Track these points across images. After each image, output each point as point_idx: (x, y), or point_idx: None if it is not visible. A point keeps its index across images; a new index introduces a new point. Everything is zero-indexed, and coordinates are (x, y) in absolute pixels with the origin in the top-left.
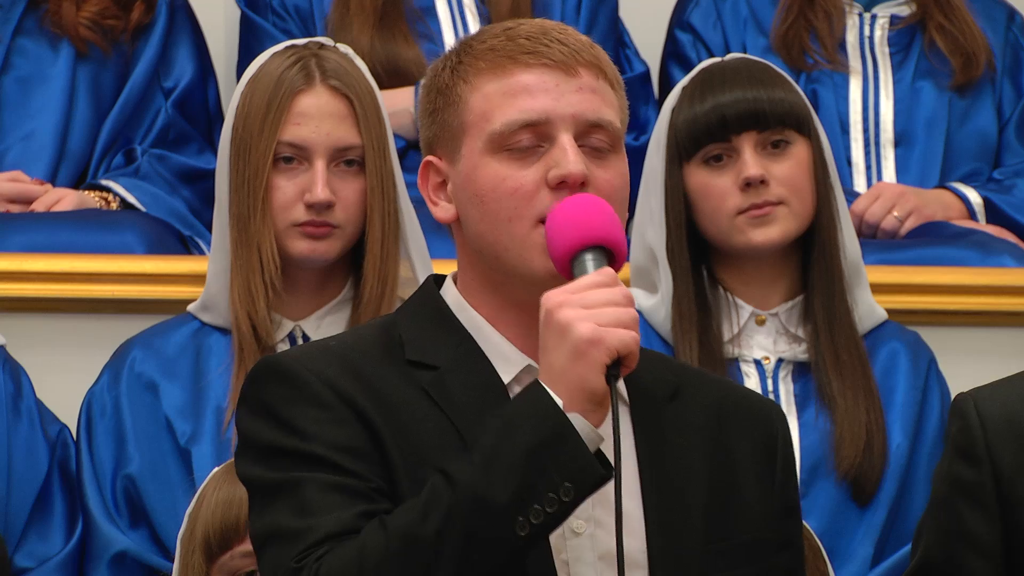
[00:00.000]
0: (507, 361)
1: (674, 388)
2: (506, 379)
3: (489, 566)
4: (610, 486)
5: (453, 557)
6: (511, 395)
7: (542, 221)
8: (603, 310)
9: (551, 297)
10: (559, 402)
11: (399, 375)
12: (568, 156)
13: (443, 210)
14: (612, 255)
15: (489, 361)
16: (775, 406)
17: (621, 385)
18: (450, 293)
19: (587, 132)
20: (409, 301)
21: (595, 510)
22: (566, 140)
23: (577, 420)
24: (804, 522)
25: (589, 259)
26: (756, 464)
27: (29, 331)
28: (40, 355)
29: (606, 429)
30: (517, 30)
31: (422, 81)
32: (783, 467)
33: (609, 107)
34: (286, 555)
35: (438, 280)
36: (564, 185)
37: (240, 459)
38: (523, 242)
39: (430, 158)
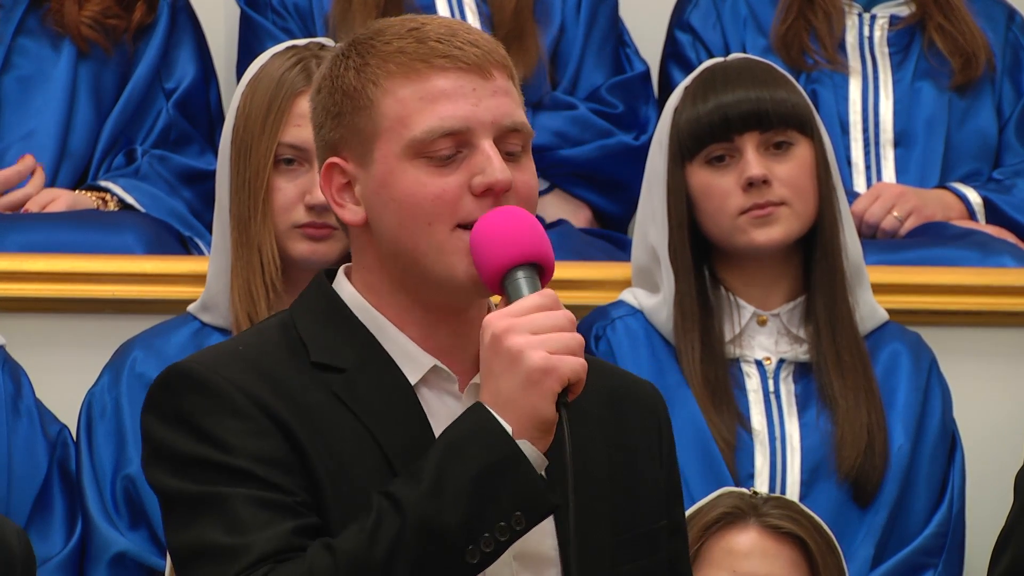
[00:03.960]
0: (413, 362)
1: None
2: (413, 380)
3: None
4: None
5: None
6: (420, 397)
7: (462, 225)
8: (552, 336)
9: (495, 322)
10: (508, 428)
11: (307, 378)
12: (493, 164)
13: (351, 212)
14: (542, 270)
15: (395, 362)
16: (656, 390)
17: None
18: (346, 290)
19: (504, 137)
20: (302, 297)
21: None
22: (488, 147)
23: (526, 447)
24: (818, 518)
25: (522, 277)
26: (649, 450)
27: (29, 331)
28: (40, 355)
29: None
30: (424, 31)
31: (315, 77)
32: (668, 452)
33: (519, 107)
34: (220, 574)
35: (329, 275)
36: (489, 192)
37: (151, 468)
38: (443, 246)
39: (335, 160)
